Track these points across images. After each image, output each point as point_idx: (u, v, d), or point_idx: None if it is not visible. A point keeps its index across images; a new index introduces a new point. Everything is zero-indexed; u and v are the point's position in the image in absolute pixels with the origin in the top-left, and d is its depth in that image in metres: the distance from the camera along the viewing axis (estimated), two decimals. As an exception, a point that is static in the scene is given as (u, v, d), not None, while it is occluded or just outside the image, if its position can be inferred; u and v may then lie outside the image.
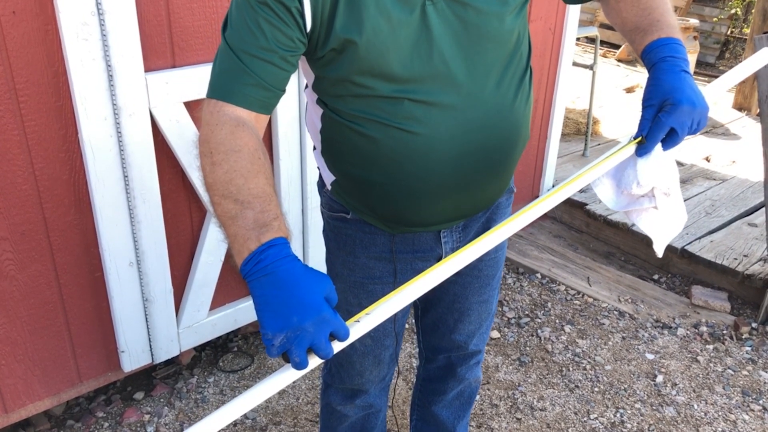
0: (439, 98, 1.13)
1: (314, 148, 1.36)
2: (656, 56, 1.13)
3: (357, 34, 1.06)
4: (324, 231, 1.47)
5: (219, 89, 1.07)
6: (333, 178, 1.33)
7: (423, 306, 1.64)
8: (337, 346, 0.94)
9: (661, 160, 1.15)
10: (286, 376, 0.92)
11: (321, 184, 1.42)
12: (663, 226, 1.23)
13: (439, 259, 1.40)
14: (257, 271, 0.92)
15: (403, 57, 1.09)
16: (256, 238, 0.94)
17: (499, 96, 1.19)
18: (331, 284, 0.95)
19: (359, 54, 1.07)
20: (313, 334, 0.89)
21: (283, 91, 1.11)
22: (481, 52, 1.14)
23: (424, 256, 1.39)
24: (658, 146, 1.13)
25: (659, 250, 1.28)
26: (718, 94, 1.26)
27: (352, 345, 1.49)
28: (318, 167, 1.39)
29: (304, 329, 0.89)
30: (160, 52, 1.88)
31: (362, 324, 0.97)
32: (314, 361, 0.92)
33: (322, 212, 1.46)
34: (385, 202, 1.27)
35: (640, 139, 1.14)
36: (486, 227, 1.43)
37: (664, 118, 1.09)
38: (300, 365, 0.90)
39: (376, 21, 1.05)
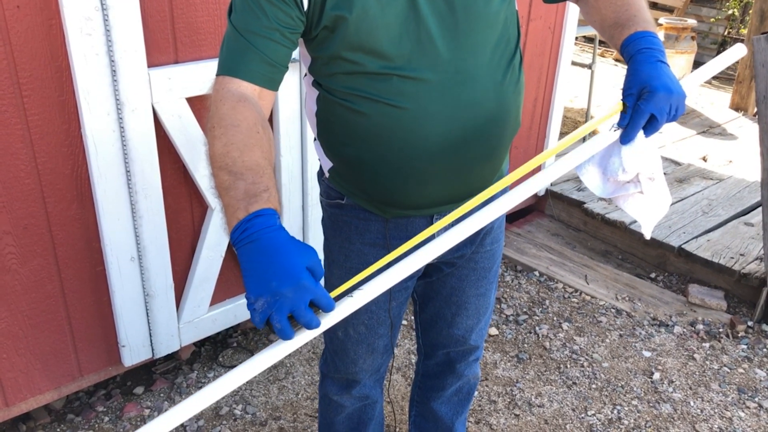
0: (427, 75, 1.18)
1: (314, 139, 1.39)
2: (634, 48, 1.17)
3: (347, 11, 1.12)
4: (322, 220, 1.51)
5: (225, 66, 1.14)
6: (330, 164, 1.37)
7: (421, 301, 1.65)
8: (328, 321, 0.94)
9: (643, 146, 1.19)
10: (278, 350, 0.93)
11: (320, 173, 1.47)
12: (649, 209, 1.27)
13: None
14: (244, 238, 0.96)
15: (391, 34, 1.15)
16: (245, 208, 0.98)
17: (487, 75, 1.23)
18: (315, 256, 0.97)
19: (350, 30, 1.13)
20: (293, 300, 0.90)
21: (286, 67, 1.17)
22: (467, 32, 1.18)
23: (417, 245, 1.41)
24: (641, 133, 1.17)
25: (647, 233, 1.32)
26: (694, 86, 1.30)
27: (346, 332, 1.52)
28: (319, 158, 1.42)
29: (283, 294, 0.90)
30: (163, 47, 1.89)
31: (355, 299, 0.97)
32: (304, 335, 0.93)
33: (321, 201, 1.50)
34: (377, 181, 1.30)
35: (623, 129, 1.17)
36: None
37: (643, 105, 1.12)
38: (282, 332, 0.91)
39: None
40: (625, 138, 1.17)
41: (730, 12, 7.83)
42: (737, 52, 1.34)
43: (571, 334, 2.76)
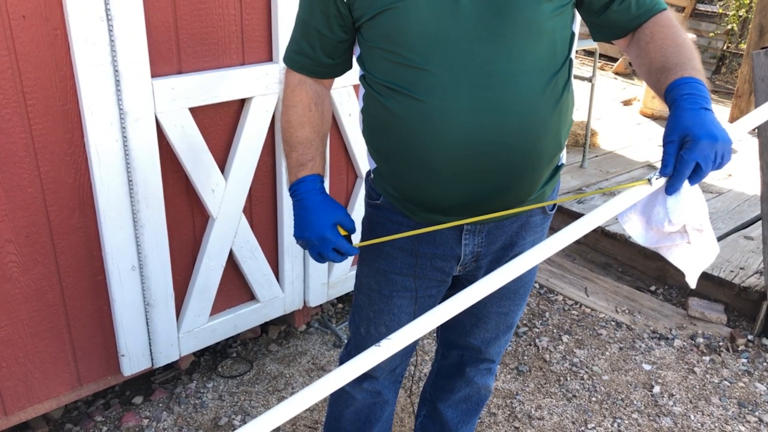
0: (458, 73, 1.18)
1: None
2: (677, 94, 1.14)
3: (390, 2, 1.17)
4: (362, 219, 1.56)
5: (285, 55, 1.39)
6: (374, 165, 1.42)
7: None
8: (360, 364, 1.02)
9: (689, 195, 1.12)
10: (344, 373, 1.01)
11: (367, 173, 1.52)
12: (696, 259, 1.20)
13: (458, 260, 1.45)
14: (293, 197, 1.34)
15: (428, 28, 1.17)
16: (295, 174, 1.35)
17: (523, 83, 1.20)
18: (342, 213, 1.31)
19: (391, 20, 1.18)
20: (319, 247, 1.31)
21: (326, 59, 1.33)
22: (508, 37, 1.17)
23: (443, 255, 1.43)
24: (686, 183, 1.12)
25: (692, 282, 1.25)
26: (741, 132, 1.23)
27: (368, 330, 1.59)
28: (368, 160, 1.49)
29: (312, 242, 1.31)
30: (167, 57, 1.90)
31: (383, 349, 1.04)
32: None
33: (364, 201, 1.55)
34: (402, 174, 1.32)
35: (667, 178, 1.12)
36: (512, 241, 1.46)
37: (687, 155, 1.07)
38: (317, 260, 1.34)
39: None
40: (671, 189, 1.12)
41: (729, 27, 7.88)
42: None
43: (571, 347, 2.76)
